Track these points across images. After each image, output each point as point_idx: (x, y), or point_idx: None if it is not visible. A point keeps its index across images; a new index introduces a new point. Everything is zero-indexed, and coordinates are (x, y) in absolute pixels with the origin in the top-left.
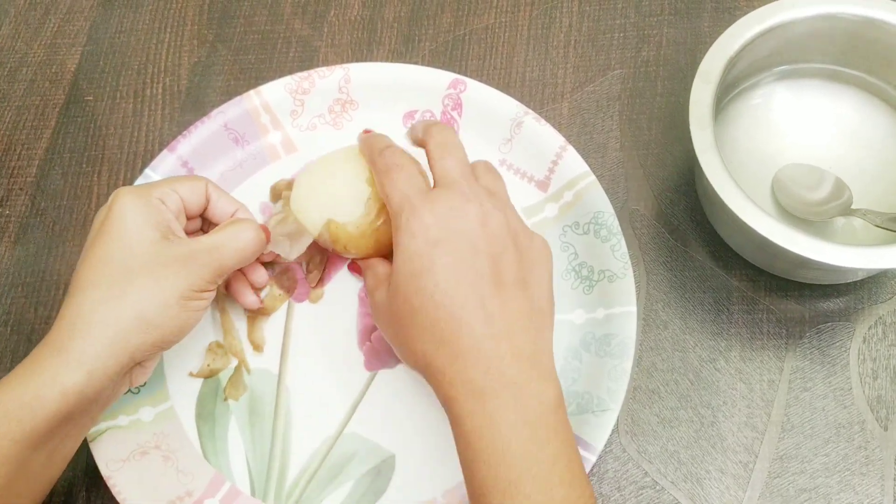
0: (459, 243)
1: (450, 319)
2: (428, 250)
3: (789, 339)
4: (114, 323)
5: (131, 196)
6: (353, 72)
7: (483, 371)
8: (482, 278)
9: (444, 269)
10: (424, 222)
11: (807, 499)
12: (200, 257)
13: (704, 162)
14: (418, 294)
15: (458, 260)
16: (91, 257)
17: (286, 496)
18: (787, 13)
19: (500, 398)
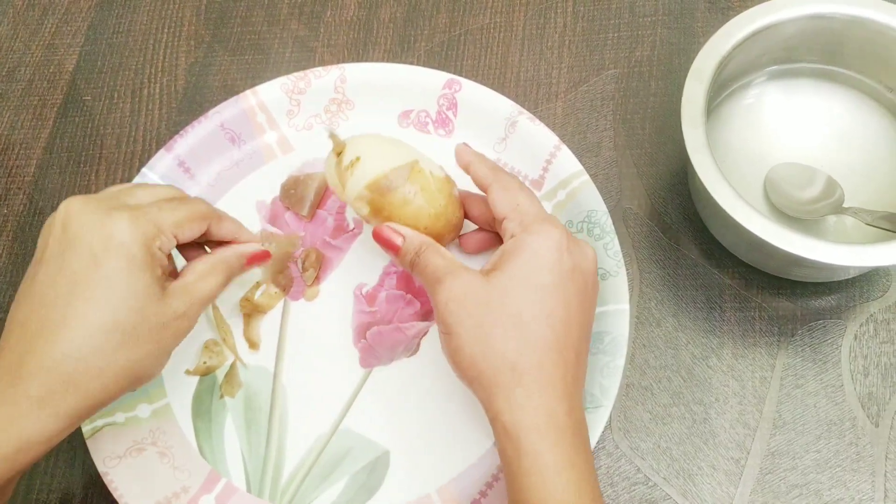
0: (581, 280)
1: (553, 348)
2: (562, 272)
3: (781, 337)
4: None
5: (138, 248)
6: (348, 72)
7: (567, 411)
8: (584, 322)
9: (569, 298)
10: (562, 243)
11: (798, 494)
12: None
13: (696, 161)
14: (534, 307)
15: (578, 295)
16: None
17: (281, 493)
18: (778, 13)
19: (575, 442)
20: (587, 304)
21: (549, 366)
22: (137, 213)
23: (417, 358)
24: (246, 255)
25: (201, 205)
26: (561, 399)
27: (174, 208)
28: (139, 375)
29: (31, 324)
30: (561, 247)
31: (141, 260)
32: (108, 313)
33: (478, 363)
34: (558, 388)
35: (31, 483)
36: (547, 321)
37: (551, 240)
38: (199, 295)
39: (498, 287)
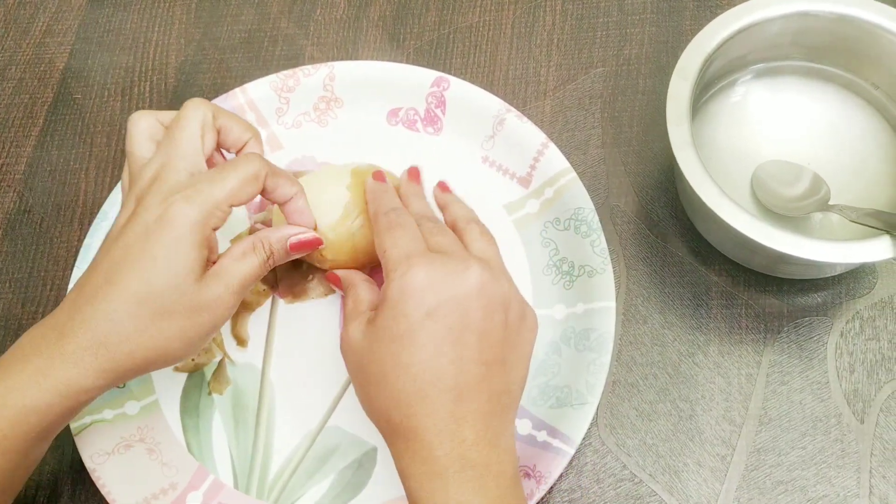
0: (450, 314)
1: (419, 396)
2: (417, 317)
3: (767, 334)
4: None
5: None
6: (337, 70)
7: (445, 453)
8: (463, 356)
9: (428, 343)
10: (420, 282)
11: (783, 491)
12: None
13: (681, 159)
14: (393, 359)
15: (444, 334)
16: (129, 281)
17: (269, 489)
18: (763, 11)
19: (461, 480)
20: (474, 335)
21: (418, 415)
22: (192, 194)
23: None
24: (288, 238)
25: (252, 163)
26: (438, 444)
27: (224, 177)
28: (167, 351)
29: (86, 287)
30: (418, 288)
31: (189, 240)
32: (146, 285)
33: (368, 414)
34: (433, 434)
35: None
36: (406, 373)
37: (404, 285)
38: (235, 278)
39: (368, 342)
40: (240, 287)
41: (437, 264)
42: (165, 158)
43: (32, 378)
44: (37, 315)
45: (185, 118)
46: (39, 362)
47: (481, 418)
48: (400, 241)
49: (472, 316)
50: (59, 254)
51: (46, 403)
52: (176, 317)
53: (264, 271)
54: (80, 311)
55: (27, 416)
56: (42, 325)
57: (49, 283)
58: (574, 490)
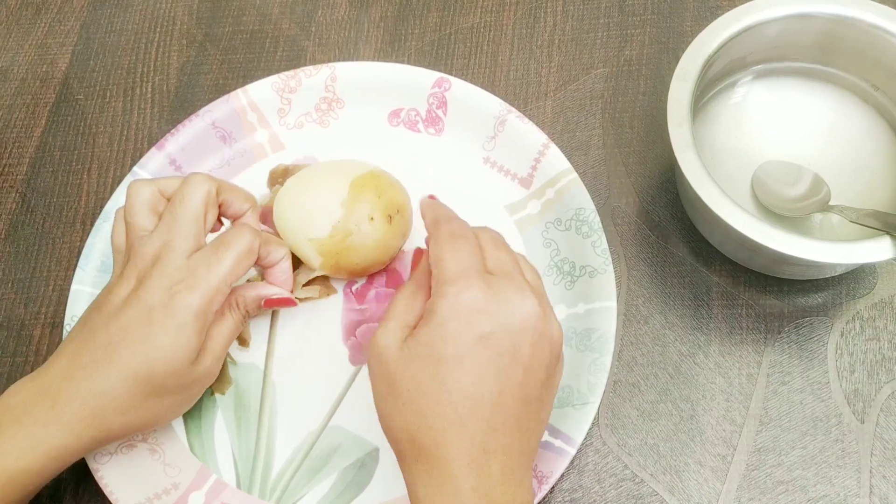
0: (502, 343)
1: (456, 423)
2: (467, 341)
3: (768, 334)
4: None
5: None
6: (339, 70)
7: (471, 486)
8: (505, 390)
9: (474, 370)
10: (476, 305)
11: (784, 491)
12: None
13: (682, 159)
14: (433, 381)
15: (492, 361)
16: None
17: (271, 489)
18: (763, 13)
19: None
20: (518, 367)
21: (449, 444)
22: (193, 284)
23: None
24: (263, 298)
25: (245, 238)
26: (465, 477)
27: (221, 260)
28: (160, 419)
29: (82, 358)
30: (473, 310)
31: (191, 330)
32: (146, 369)
33: (387, 429)
34: (461, 465)
35: None
36: (448, 397)
37: (458, 304)
38: (218, 346)
39: (406, 356)
40: (224, 352)
41: (495, 288)
42: (168, 237)
43: (26, 443)
44: (39, 315)
45: (188, 196)
46: (34, 429)
47: (510, 455)
48: (460, 254)
49: (522, 350)
50: (61, 254)
51: (39, 466)
52: (170, 394)
53: (240, 329)
54: (77, 384)
55: (20, 478)
56: (31, 384)
57: (51, 283)
58: (575, 490)
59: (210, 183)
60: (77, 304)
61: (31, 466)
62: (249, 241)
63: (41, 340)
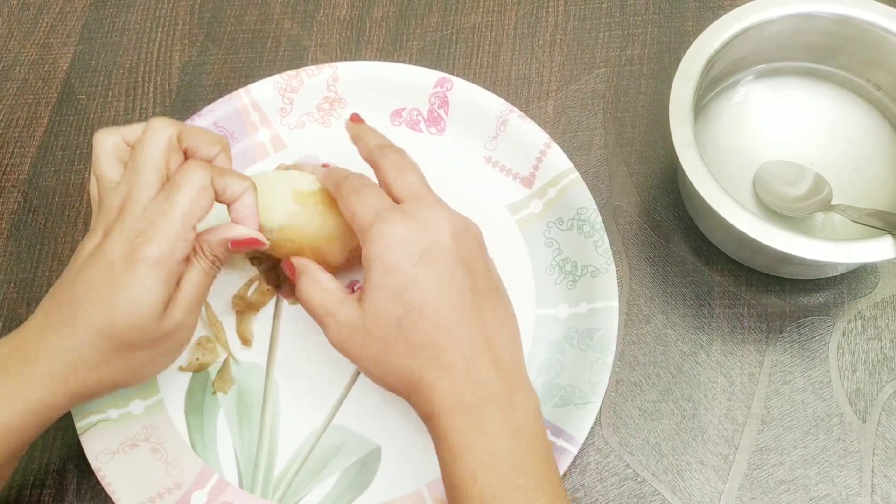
0: (437, 255)
1: (440, 333)
2: (409, 264)
3: (770, 334)
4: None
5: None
6: (341, 70)
7: (472, 383)
8: (463, 289)
9: (429, 282)
10: (399, 234)
11: (785, 490)
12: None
13: (684, 159)
14: (405, 308)
15: (439, 272)
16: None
17: (273, 488)
18: (764, 12)
19: (487, 410)
20: (462, 266)
21: (441, 354)
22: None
23: None
24: (227, 239)
25: (197, 175)
26: (463, 378)
27: (174, 204)
28: (136, 375)
29: (51, 314)
30: (400, 240)
31: (153, 279)
32: (109, 323)
33: (386, 381)
34: (457, 367)
35: (24, 478)
36: (420, 318)
37: (385, 241)
38: (189, 299)
39: (368, 310)
40: (196, 303)
41: (409, 213)
42: (129, 187)
43: (2, 398)
44: None
45: (148, 142)
46: (9, 384)
47: (496, 344)
48: (368, 200)
49: (456, 254)
50: (63, 254)
51: (18, 422)
52: (140, 348)
53: (213, 277)
54: (47, 340)
55: (1, 435)
56: (9, 341)
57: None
58: (577, 489)
59: (171, 128)
60: None
61: (11, 422)
62: (201, 178)
63: None
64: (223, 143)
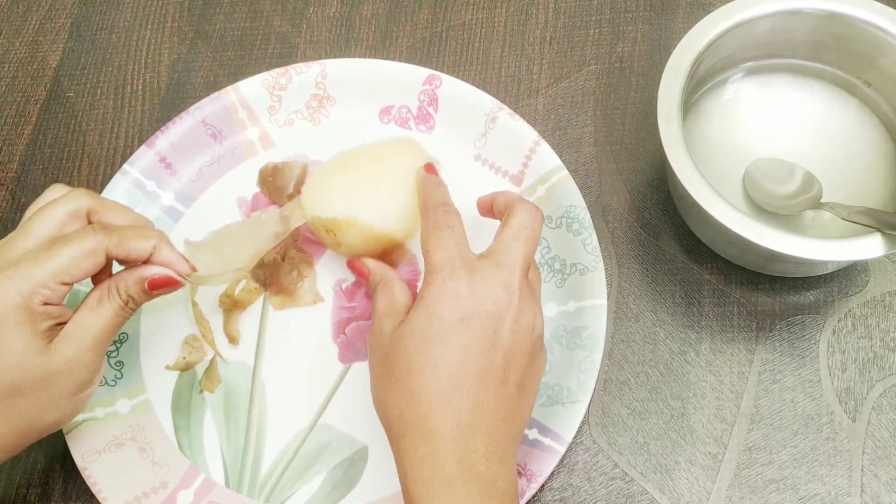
0: (484, 326)
1: (441, 396)
2: (451, 320)
3: (759, 332)
4: (11, 434)
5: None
6: (329, 68)
7: (456, 460)
8: (489, 370)
9: (459, 346)
10: (459, 291)
11: (775, 489)
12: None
13: (672, 156)
14: (421, 356)
15: (475, 342)
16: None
17: (260, 487)
18: (753, 9)
19: (467, 492)
20: (495, 348)
21: (436, 416)
22: (12, 275)
23: None
24: (144, 279)
25: (88, 239)
26: (451, 451)
27: (52, 255)
28: (37, 422)
29: None
30: (456, 294)
31: (14, 321)
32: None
33: (380, 409)
34: (447, 438)
35: (11, 477)
36: (433, 371)
37: (443, 289)
38: (90, 332)
39: (397, 337)
40: (96, 342)
41: (479, 275)
42: (12, 236)
43: None
44: None
45: (53, 203)
46: None
47: (494, 434)
48: (445, 242)
49: (503, 334)
50: None
51: None
52: (28, 392)
53: (125, 318)
54: None
55: None
56: None
57: None
58: (565, 488)
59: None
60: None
61: None
62: (93, 243)
63: None
64: (159, 236)
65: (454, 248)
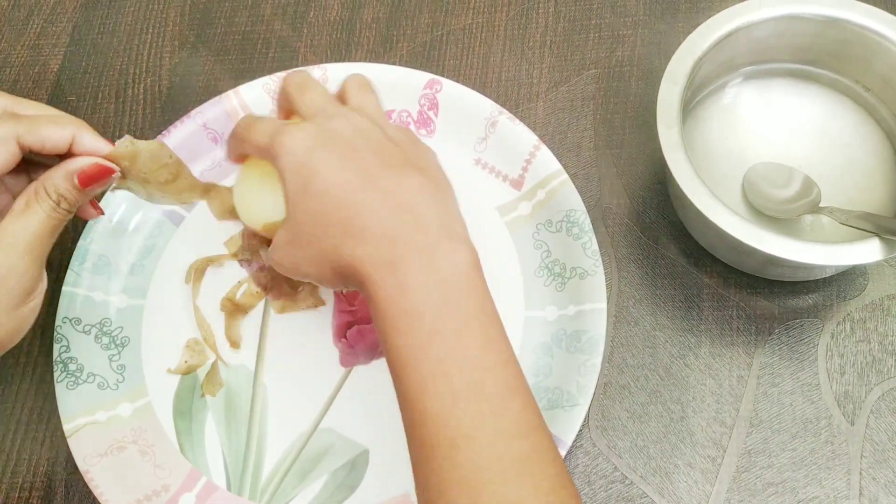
0: (336, 143)
1: (349, 205)
2: (307, 157)
3: (758, 336)
4: None
5: None
6: (330, 72)
7: (389, 242)
8: (369, 164)
9: (329, 166)
10: (296, 137)
11: (774, 493)
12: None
13: (671, 160)
14: (314, 198)
15: (339, 156)
16: None
17: (261, 490)
18: (752, 14)
19: (409, 263)
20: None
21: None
22: None
23: None
24: (73, 173)
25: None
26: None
27: None
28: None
29: None
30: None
31: None
32: None
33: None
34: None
35: (13, 481)
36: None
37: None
38: (18, 240)
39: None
40: (28, 248)
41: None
42: None
43: None
44: None
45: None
46: None
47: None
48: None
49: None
50: (52, 256)
51: None
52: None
53: (59, 220)
54: None
55: None
56: None
57: None
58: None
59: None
60: (68, 305)
61: None
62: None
63: (32, 342)
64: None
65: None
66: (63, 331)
